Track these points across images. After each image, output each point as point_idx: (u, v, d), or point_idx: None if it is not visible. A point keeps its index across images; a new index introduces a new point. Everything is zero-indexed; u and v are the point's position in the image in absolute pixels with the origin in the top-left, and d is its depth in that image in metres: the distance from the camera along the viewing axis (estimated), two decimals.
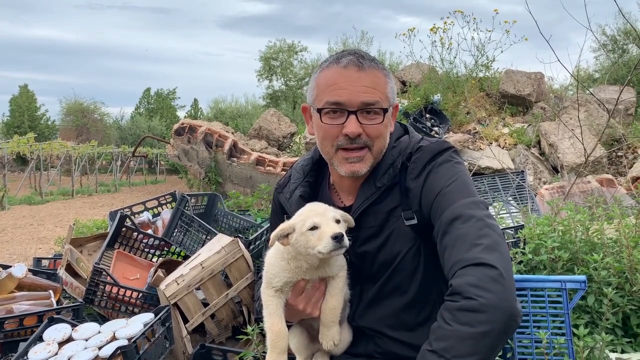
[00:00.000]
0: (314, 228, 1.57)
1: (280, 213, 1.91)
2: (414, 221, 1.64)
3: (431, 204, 1.57)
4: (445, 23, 10.80)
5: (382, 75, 1.67)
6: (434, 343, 1.29)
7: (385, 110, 1.64)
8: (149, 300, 3.26)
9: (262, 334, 1.72)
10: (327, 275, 1.70)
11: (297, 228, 1.61)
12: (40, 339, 2.42)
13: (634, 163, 7.75)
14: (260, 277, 1.82)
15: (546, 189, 5.46)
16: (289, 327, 1.80)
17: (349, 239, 1.57)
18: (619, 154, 8.43)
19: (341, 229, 1.57)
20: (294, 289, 1.70)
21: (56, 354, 2.29)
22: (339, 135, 1.64)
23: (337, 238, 1.52)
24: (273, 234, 1.63)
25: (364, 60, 1.64)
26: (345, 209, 1.76)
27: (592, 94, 6.61)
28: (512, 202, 4.96)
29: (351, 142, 1.63)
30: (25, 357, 2.29)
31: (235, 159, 9.13)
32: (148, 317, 2.54)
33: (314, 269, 1.67)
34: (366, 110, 1.62)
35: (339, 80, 1.62)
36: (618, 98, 4.33)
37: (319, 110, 1.66)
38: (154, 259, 3.94)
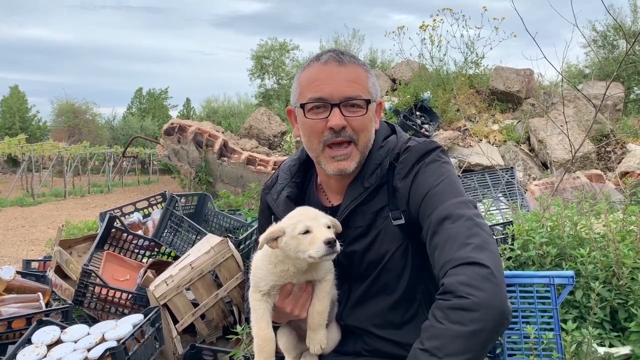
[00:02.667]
0: (306, 232, 1.56)
1: (268, 214, 1.91)
2: (402, 221, 1.65)
3: (419, 204, 1.57)
4: (434, 20, 10.82)
5: (363, 71, 1.68)
6: (426, 341, 1.29)
7: (368, 102, 1.65)
8: (139, 301, 3.25)
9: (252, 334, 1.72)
10: (314, 279, 1.70)
11: (287, 231, 1.59)
12: (29, 341, 2.40)
13: (622, 158, 7.80)
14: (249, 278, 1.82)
15: (536, 185, 5.49)
16: (277, 327, 1.81)
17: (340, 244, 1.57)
18: (608, 149, 8.49)
19: (332, 234, 1.57)
20: (282, 291, 1.69)
21: (45, 356, 2.28)
22: (324, 131, 1.64)
23: (330, 243, 1.52)
24: (262, 237, 1.61)
25: (344, 55, 1.66)
26: (333, 209, 1.76)
27: (578, 90, 6.64)
28: (501, 198, 4.97)
29: (336, 135, 1.63)
30: None
31: (225, 158, 9.13)
32: (137, 318, 2.53)
33: (301, 273, 1.66)
34: (349, 104, 1.63)
35: (320, 76, 1.63)
36: (605, 94, 4.34)
37: (303, 107, 1.66)
38: (144, 260, 3.92)
